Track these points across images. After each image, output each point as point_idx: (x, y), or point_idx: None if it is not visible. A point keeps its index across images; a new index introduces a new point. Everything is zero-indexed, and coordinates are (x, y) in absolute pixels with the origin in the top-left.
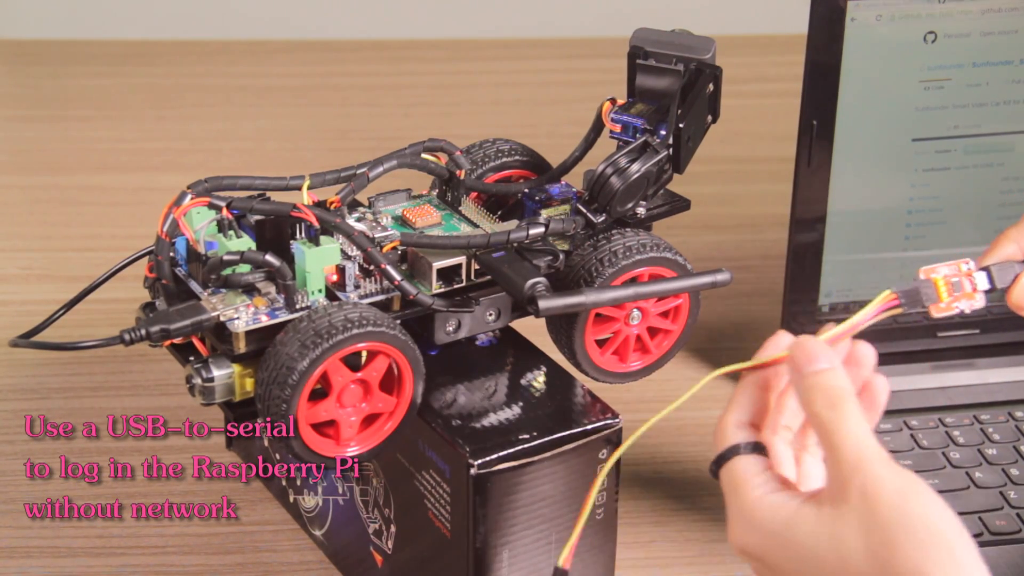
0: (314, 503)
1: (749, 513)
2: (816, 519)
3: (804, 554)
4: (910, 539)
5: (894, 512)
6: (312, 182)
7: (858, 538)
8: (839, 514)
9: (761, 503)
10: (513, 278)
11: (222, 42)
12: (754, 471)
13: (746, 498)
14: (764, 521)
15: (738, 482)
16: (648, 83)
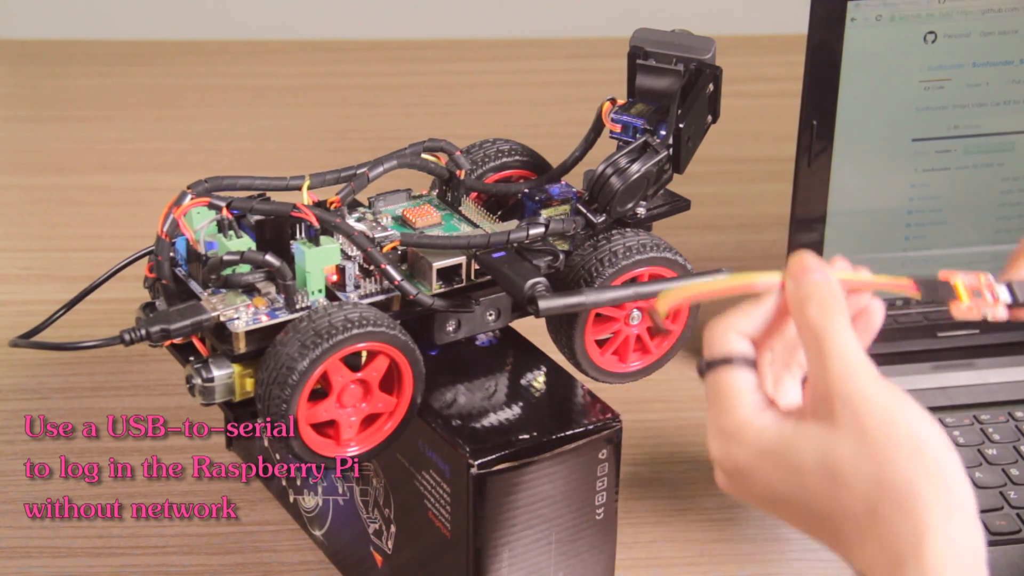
0: (314, 503)
1: (737, 430)
2: (806, 438)
3: (793, 471)
4: (899, 452)
5: (883, 426)
6: (312, 182)
7: (847, 453)
8: (827, 430)
9: (750, 422)
10: (513, 278)
11: (222, 42)
12: (745, 388)
13: (735, 415)
14: (752, 440)
15: (728, 395)
16: (648, 83)
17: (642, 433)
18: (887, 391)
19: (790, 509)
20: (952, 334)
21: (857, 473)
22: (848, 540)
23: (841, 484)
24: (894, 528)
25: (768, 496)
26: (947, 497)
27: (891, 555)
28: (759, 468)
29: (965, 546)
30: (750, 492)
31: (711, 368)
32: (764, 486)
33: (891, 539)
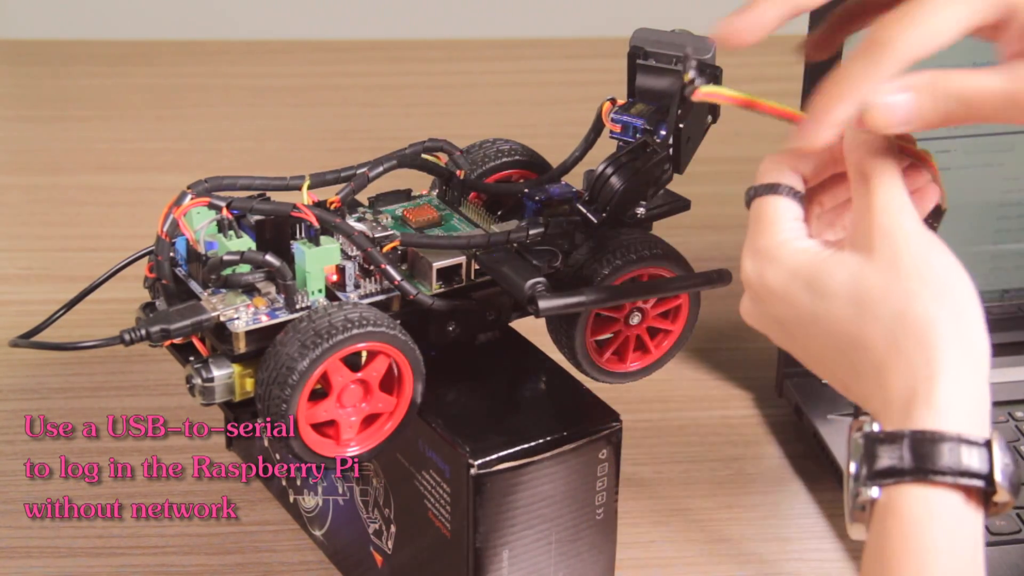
0: (314, 503)
1: (773, 250)
2: (840, 264)
3: (821, 295)
4: (928, 290)
5: (917, 263)
6: (312, 182)
7: (878, 283)
8: (863, 259)
9: (787, 243)
10: (513, 278)
11: (222, 42)
12: (788, 215)
13: (773, 237)
14: (786, 260)
15: (769, 218)
16: (648, 83)
17: (642, 433)
18: (927, 235)
19: (810, 336)
20: None
21: (885, 304)
22: (863, 372)
23: (867, 312)
24: (911, 362)
25: (791, 320)
26: (966, 342)
27: (903, 390)
28: (788, 290)
29: (975, 393)
30: (774, 317)
31: (757, 194)
32: (789, 308)
33: (906, 373)
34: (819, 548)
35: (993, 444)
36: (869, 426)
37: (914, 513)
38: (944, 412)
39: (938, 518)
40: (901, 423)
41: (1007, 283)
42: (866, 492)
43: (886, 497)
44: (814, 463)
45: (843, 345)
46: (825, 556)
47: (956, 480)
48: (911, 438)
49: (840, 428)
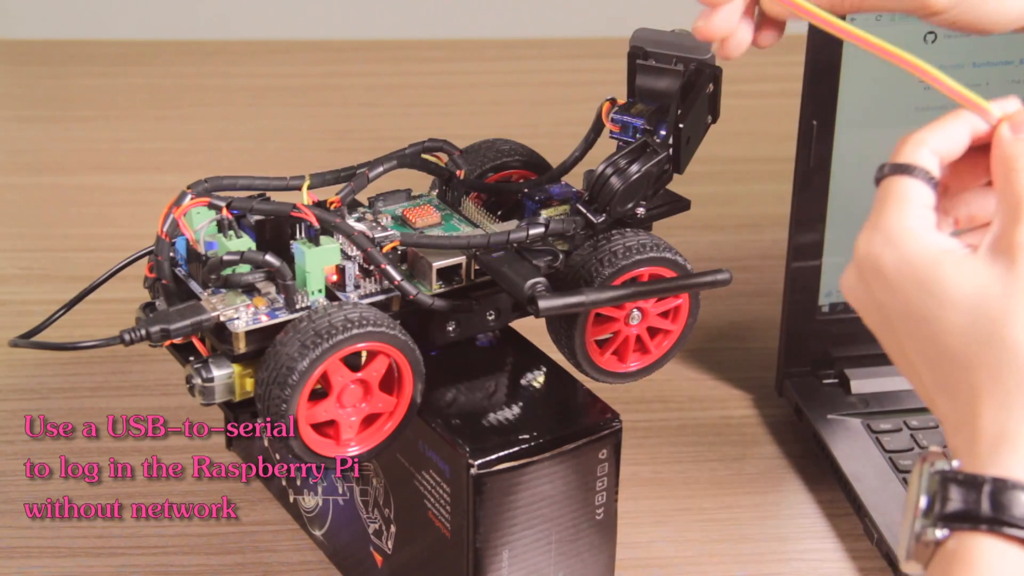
0: (314, 503)
1: (897, 232)
2: (969, 273)
3: (941, 301)
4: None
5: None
6: (312, 182)
7: (1005, 306)
8: (997, 276)
9: (913, 233)
10: (513, 278)
11: (222, 42)
12: (919, 199)
13: (899, 219)
14: (908, 246)
15: (898, 200)
16: (648, 83)
17: (642, 433)
18: None
19: (912, 336)
20: None
21: (1004, 330)
22: (957, 393)
23: (983, 333)
24: (1010, 400)
25: (897, 312)
26: None
27: (995, 426)
28: (903, 281)
29: None
30: (877, 302)
31: (891, 173)
32: (897, 300)
33: (1002, 410)
34: (819, 548)
35: None
36: (945, 463)
37: (984, 563)
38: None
39: (1006, 572)
40: (984, 464)
41: None
42: (932, 532)
43: (955, 542)
44: (814, 463)
45: (944, 358)
46: (825, 556)
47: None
48: (992, 485)
49: (840, 428)
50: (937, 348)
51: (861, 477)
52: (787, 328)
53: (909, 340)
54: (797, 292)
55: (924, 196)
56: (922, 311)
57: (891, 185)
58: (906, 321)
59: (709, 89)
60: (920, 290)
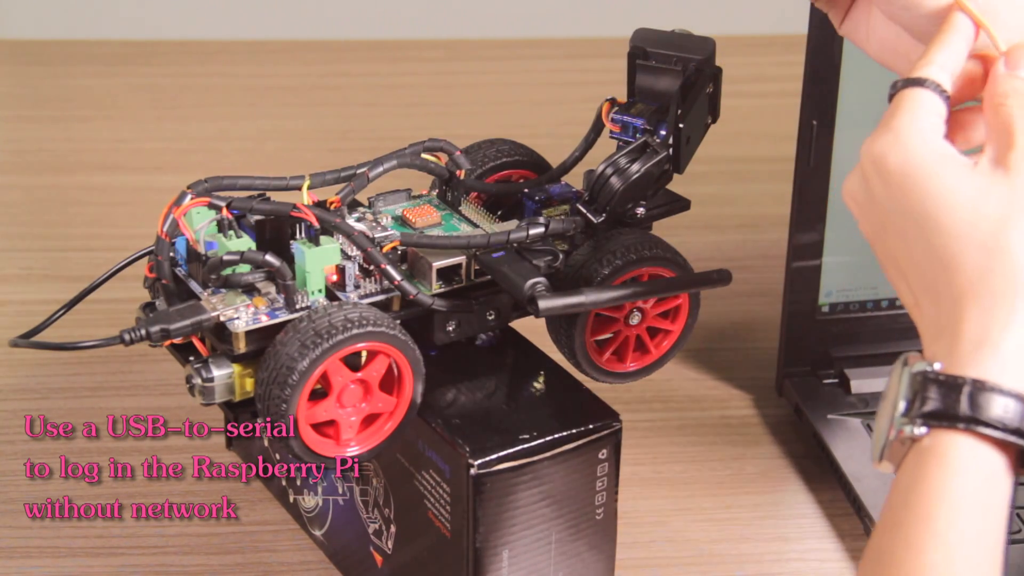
0: (314, 503)
1: (906, 136)
2: (970, 178)
3: (939, 203)
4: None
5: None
6: (312, 182)
7: (997, 206)
8: (994, 177)
9: (924, 135)
10: (513, 278)
11: (222, 42)
12: (933, 108)
13: (911, 123)
14: (918, 151)
15: (912, 106)
16: (648, 83)
17: (642, 433)
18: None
19: (905, 236)
20: None
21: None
22: (942, 294)
23: (976, 236)
24: (994, 302)
25: (895, 211)
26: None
27: (978, 328)
28: (906, 179)
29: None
30: (875, 200)
31: (904, 86)
32: (898, 198)
33: (986, 312)
34: (819, 548)
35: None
36: (925, 364)
37: (958, 461)
38: (1011, 365)
39: (978, 470)
40: (964, 366)
41: None
42: (911, 429)
43: (931, 439)
44: (814, 463)
45: (935, 259)
46: (825, 556)
47: (1006, 437)
48: (972, 386)
49: (840, 428)
50: (930, 249)
51: (861, 477)
52: (787, 328)
53: (902, 241)
54: (797, 292)
55: (936, 105)
56: (920, 211)
57: (904, 95)
58: (903, 220)
59: (709, 89)
60: (921, 190)
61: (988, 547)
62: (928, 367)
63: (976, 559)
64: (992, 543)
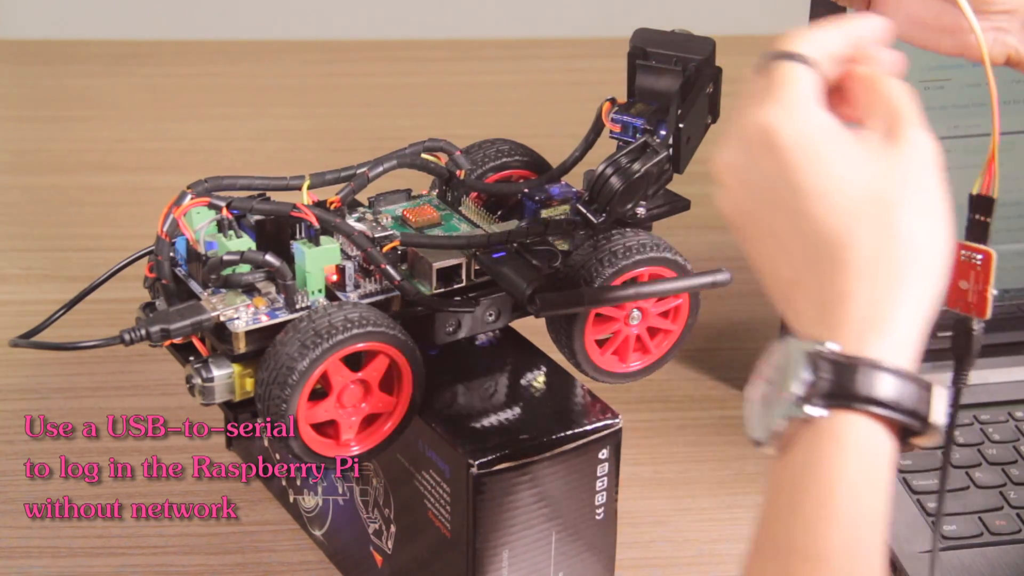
0: (314, 503)
1: (794, 106)
2: (862, 147)
3: (829, 165)
4: (931, 216)
5: (924, 176)
6: (312, 182)
7: (890, 184)
8: (889, 154)
9: (810, 105)
10: (513, 278)
11: (222, 42)
12: (813, 81)
13: (799, 95)
14: (810, 121)
15: (795, 79)
16: (648, 83)
17: (642, 433)
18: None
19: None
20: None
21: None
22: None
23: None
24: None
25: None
26: (933, 280)
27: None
28: (797, 149)
29: (921, 332)
30: (761, 174)
31: (775, 59)
32: (787, 170)
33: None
34: None
35: (933, 388)
36: (818, 344)
37: (856, 441)
38: (903, 345)
39: (875, 451)
40: (855, 346)
41: (1007, 283)
42: (802, 410)
43: (826, 421)
44: None
45: (824, 235)
46: None
47: (902, 418)
48: (867, 366)
49: None
50: (818, 224)
51: None
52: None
53: (789, 216)
54: None
55: (813, 80)
56: (812, 184)
57: (781, 69)
58: (791, 194)
59: (709, 89)
60: (813, 163)
61: (881, 526)
62: (820, 346)
63: (873, 540)
64: (883, 522)
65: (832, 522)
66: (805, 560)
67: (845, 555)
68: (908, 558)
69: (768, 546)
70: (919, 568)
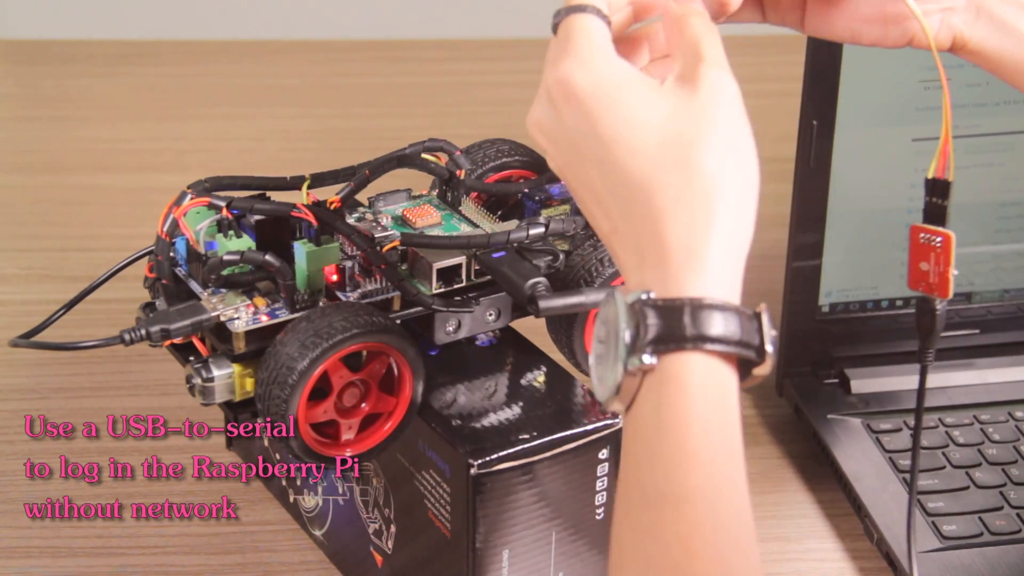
0: (314, 503)
1: (589, 58)
2: (661, 98)
3: (631, 122)
4: (731, 153)
5: (731, 125)
6: (312, 182)
7: (687, 123)
8: (682, 95)
9: (604, 54)
10: (513, 278)
11: (222, 42)
12: (603, 32)
13: (589, 46)
14: (604, 71)
15: (586, 31)
16: None
17: None
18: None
19: (597, 159)
20: (952, 334)
21: (690, 152)
22: (636, 215)
23: (670, 155)
24: (693, 218)
25: (586, 132)
26: (743, 214)
27: (680, 247)
28: (594, 99)
29: (738, 263)
30: (567, 127)
31: (567, 14)
32: (587, 120)
33: (686, 228)
34: (819, 548)
35: (763, 316)
36: (641, 293)
37: (695, 380)
38: (719, 278)
39: (716, 385)
40: (676, 287)
41: (1007, 283)
42: (639, 359)
43: (663, 364)
44: (814, 463)
45: (631, 181)
46: (825, 556)
47: (732, 349)
48: (690, 305)
49: (840, 428)
50: (625, 172)
51: (861, 477)
52: (787, 328)
53: (597, 165)
54: (797, 292)
55: (604, 29)
56: (613, 132)
57: (572, 22)
58: (596, 144)
59: None
60: (612, 110)
61: (738, 460)
62: (643, 295)
63: (732, 474)
64: (738, 455)
65: (690, 462)
66: (672, 504)
67: (709, 492)
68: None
69: (636, 497)
70: (919, 568)
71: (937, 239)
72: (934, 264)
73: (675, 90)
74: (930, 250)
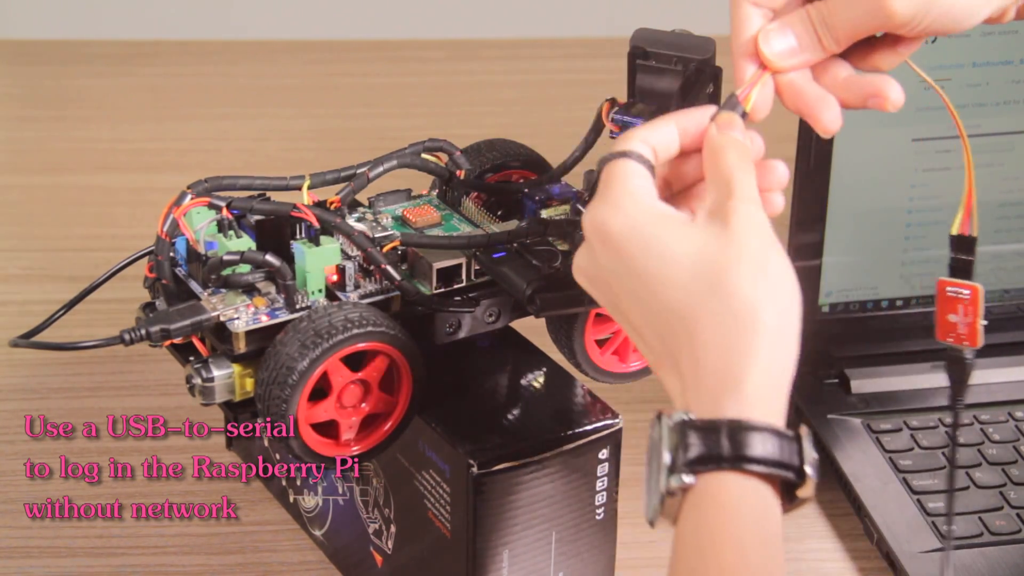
0: (314, 503)
1: (622, 201)
2: (690, 233)
3: (663, 258)
4: (764, 280)
5: (761, 252)
6: (312, 182)
7: (717, 252)
8: (714, 235)
9: (636, 197)
10: (513, 278)
11: (222, 42)
12: (640, 173)
13: (623, 189)
14: (634, 214)
15: (619, 177)
16: (648, 83)
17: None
18: (773, 233)
19: (634, 294)
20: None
21: (721, 280)
22: (678, 342)
23: (703, 284)
24: (728, 342)
25: (620, 272)
26: (783, 336)
27: (716, 371)
28: (626, 240)
29: (782, 386)
30: (603, 268)
31: (610, 159)
32: (622, 261)
33: (722, 352)
34: (819, 548)
35: (803, 439)
36: (682, 414)
37: (732, 499)
38: (757, 400)
39: (753, 506)
40: (715, 409)
41: (1007, 283)
42: (679, 480)
43: (702, 484)
44: None
45: (666, 314)
46: (825, 556)
47: (770, 470)
48: (729, 426)
49: (840, 428)
50: (659, 305)
51: (861, 477)
52: None
53: (635, 301)
54: None
55: (642, 171)
56: (646, 269)
57: (611, 168)
58: (631, 280)
59: (709, 89)
60: (644, 249)
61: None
62: (684, 416)
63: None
64: (778, 572)
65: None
66: None
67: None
68: (908, 558)
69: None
70: (919, 568)
71: (965, 291)
72: (963, 315)
73: (706, 224)
74: (958, 302)
